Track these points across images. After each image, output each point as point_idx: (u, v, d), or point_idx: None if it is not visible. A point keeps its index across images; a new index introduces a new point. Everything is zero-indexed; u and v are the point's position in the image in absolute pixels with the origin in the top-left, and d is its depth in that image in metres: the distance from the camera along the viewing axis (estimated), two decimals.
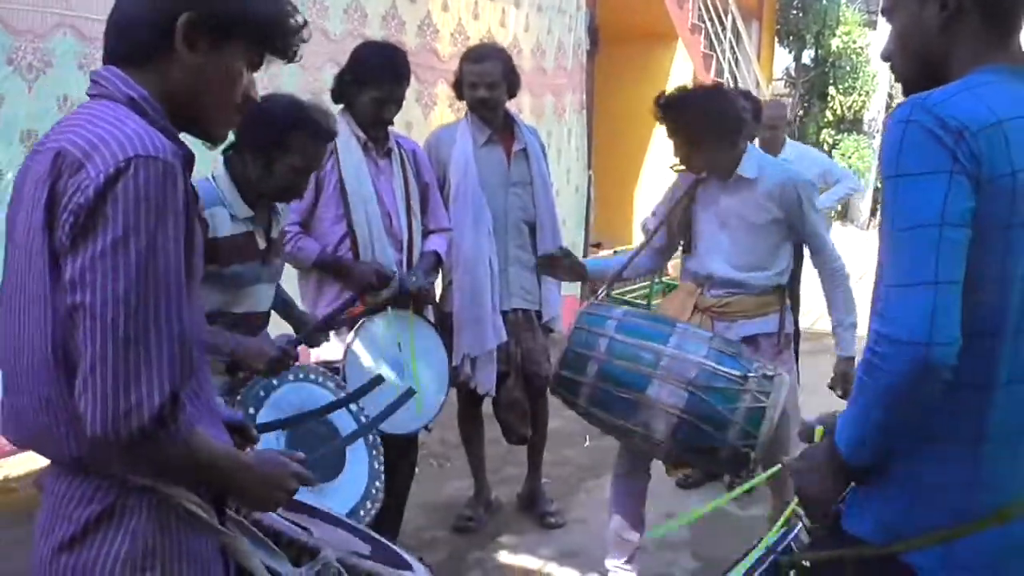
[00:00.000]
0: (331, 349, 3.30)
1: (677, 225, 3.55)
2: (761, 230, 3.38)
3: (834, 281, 3.43)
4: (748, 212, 3.38)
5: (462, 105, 4.15)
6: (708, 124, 3.30)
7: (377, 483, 2.74)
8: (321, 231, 3.38)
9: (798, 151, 5.85)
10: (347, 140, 3.36)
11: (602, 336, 3.08)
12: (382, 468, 2.78)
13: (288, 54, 1.58)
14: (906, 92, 1.63)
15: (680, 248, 3.61)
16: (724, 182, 3.40)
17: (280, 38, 1.55)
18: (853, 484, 1.62)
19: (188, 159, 1.42)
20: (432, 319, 3.68)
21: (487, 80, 3.89)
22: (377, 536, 2.19)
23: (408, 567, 2.01)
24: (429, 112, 5.59)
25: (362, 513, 2.64)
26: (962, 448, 1.52)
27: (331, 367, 3.07)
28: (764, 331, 3.43)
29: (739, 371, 2.98)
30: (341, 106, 3.47)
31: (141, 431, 1.30)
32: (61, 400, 1.38)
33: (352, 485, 2.68)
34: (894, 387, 1.45)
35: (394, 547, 2.16)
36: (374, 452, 2.78)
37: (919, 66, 1.66)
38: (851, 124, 18.12)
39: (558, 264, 3.54)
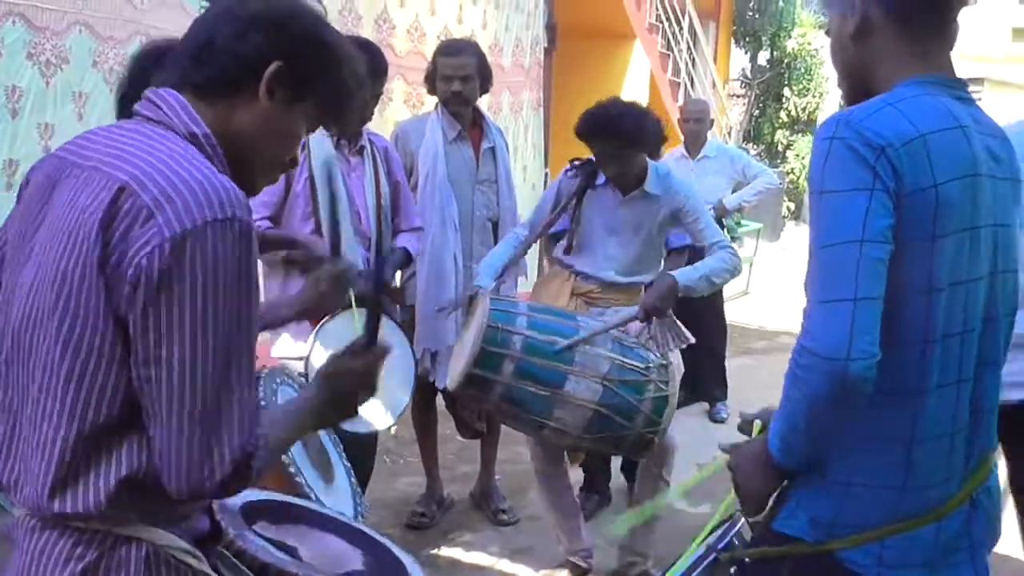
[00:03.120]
0: (291, 347, 3.25)
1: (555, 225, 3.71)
2: (652, 240, 3.58)
3: (721, 257, 3.42)
4: (644, 224, 3.54)
5: (418, 101, 4.15)
6: (644, 134, 3.41)
7: (352, 478, 2.70)
8: (290, 227, 3.31)
9: (718, 148, 6.15)
10: (319, 136, 3.29)
11: (516, 334, 3.08)
12: (348, 464, 2.74)
13: (340, 128, 1.53)
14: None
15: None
16: (625, 194, 3.53)
17: (347, 110, 1.50)
18: (786, 484, 1.64)
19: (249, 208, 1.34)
20: (398, 318, 3.63)
21: (461, 73, 3.90)
22: (371, 533, 2.10)
23: (403, 573, 1.93)
24: (384, 108, 5.55)
25: (360, 509, 2.57)
26: (894, 450, 1.55)
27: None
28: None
29: (641, 363, 3.16)
30: None
31: (225, 483, 1.26)
32: (64, 448, 1.27)
33: (342, 482, 2.64)
34: (814, 400, 1.49)
35: (389, 547, 2.05)
36: (338, 450, 2.74)
37: (850, 82, 1.69)
38: (805, 125, 18.38)
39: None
